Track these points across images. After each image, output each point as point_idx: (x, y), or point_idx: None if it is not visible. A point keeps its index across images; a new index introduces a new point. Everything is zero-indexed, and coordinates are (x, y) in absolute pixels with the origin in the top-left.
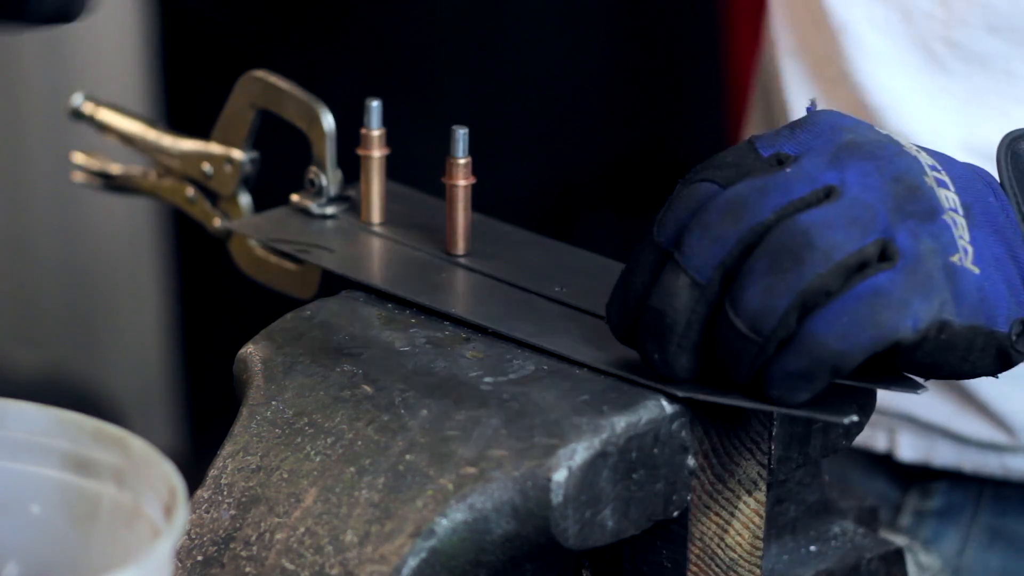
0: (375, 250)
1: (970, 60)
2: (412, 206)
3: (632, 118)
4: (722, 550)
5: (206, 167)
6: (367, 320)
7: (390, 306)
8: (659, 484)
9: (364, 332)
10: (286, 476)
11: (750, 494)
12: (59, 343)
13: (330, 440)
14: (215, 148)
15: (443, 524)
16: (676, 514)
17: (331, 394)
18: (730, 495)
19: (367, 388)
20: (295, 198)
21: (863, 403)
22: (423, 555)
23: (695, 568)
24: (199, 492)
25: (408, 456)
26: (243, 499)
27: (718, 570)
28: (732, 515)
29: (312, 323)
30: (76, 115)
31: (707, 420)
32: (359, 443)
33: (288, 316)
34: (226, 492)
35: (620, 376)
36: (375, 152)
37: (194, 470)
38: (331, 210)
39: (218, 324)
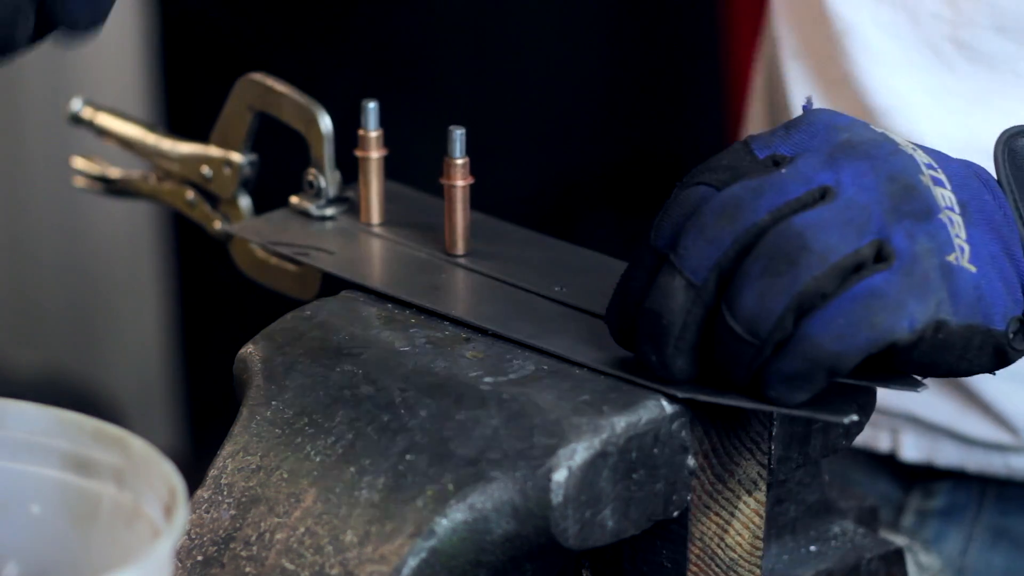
0: (375, 251)
1: (977, 60)
2: (411, 206)
3: (632, 118)
4: (722, 550)
5: (205, 170)
6: (367, 320)
7: (390, 306)
8: (659, 484)
9: (364, 332)
10: (286, 476)
11: (750, 494)
12: (59, 343)
13: (330, 440)
14: (214, 151)
15: (443, 524)
16: (676, 514)
17: (331, 394)
18: (730, 495)
19: (367, 388)
20: (294, 200)
21: (863, 403)
22: (423, 555)
23: (695, 568)
24: (199, 492)
25: (408, 456)
26: (243, 499)
27: (718, 570)
28: (732, 515)
29: (312, 323)
30: (75, 120)
31: (707, 420)
32: (359, 443)
33: (288, 316)
34: (226, 492)
35: (620, 376)
36: (373, 153)
37: (194, 470)
38: (330, 211)
39: (218, 324)
